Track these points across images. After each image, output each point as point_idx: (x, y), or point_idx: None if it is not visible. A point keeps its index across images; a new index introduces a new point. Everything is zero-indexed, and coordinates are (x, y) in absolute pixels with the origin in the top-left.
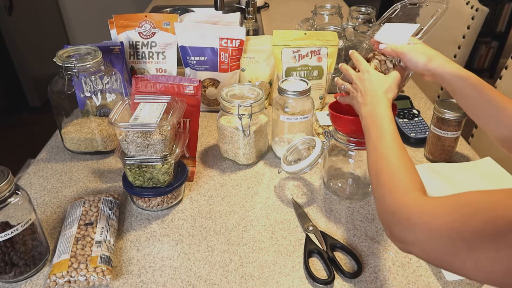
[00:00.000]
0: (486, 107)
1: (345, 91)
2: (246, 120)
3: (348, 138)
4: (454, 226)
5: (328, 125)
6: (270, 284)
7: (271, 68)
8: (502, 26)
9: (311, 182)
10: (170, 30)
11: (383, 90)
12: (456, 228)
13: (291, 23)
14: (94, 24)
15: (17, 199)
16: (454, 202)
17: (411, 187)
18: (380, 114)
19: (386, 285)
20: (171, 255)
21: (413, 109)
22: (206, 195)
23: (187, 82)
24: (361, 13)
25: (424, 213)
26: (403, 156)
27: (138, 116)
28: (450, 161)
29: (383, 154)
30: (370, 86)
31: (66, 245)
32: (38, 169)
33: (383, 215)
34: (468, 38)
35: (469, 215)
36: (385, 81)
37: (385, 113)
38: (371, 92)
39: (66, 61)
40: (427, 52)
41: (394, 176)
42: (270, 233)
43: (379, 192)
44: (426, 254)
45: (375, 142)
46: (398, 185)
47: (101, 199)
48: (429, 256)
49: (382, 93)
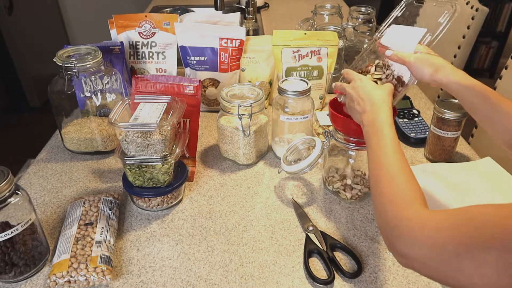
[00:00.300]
0: (492, 114)
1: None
2: (246, 120)
3: (348, 138)
4: (460, 240)
5: (328, 125)
6: (270, 284)
7: (271, 68)
8: (502, 26)
9: (311, 182)
10: (170, 30)
11: (380, 96)
12: (463, 242)
13: (291, 23)
14: (94, 24)
15: (17, 199)
16: (458, 216)
17: (412, 199)
18: (381, 120)
19: (386, 285)
20: (171, 255)
21: (413, 109)
22: (206, 195)
23: (187, 82)
24: (361, 13)
25: (427, 227)
26: (404, 167)
27: (138, 116)
28: (450, 161)
29: (382, 163)
30: (364, 92)
31: (66, 245)
32: (38, 169)
33: (383, 228)
34: (468, 38)
35: (476, 229)
36: (380, 87)
37: (386, 120)
38: (369, 98)
39: (66, 61)
40: (434, 62)
41: (394, 187)
42: (270, 233)
43: (379, 203)
44: (429, 270)
45: (375, 151)
46: (399, 197)
47: (101, 199)
48: (433, 272)
49: (381, 99)
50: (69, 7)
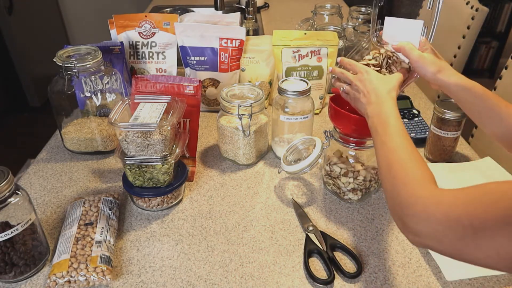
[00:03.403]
0: (491, 114)
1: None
2: (246, 120)
3: (348, 138)
4: (475, 214)
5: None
6: (270, 284)
7: (271, 68)
8: (502, 26)
9: (311, 182)
10: (170, 30)
11: (386, 89)
12: (478, 216)
13: (291, 23)
14: (94, 24)
15: (17, 199)
16: (474, 192)
17: (425, 180)
18: (386, 112)
19: (386, 285)
20: (171, 255)
21: (413, 109)
22: (206, 195)
23: (187, 82)
24: (361, 13)
25: (442, 204)
26: (412, 150)
27: (138, 116)
28: (450, 161)
29: (392, 148)
30: (371, 85)
31: (66, 245)
32: (38, 169)
33: (396, 208)
34: (468, 38)
35: (491, 203)
36: (386, 81)
37: (391, 111)
38: (374, 91)
39: (66, 61)
40: (437, 63)
41: (406, 169)
42: (270, 233)
43: (391, 184)
44: (444, 246)
45: (383, 137)
46: (412, 178)
47: (101, 199)
48: (447, 248)
49: (386, 92)
50: (69, 7)
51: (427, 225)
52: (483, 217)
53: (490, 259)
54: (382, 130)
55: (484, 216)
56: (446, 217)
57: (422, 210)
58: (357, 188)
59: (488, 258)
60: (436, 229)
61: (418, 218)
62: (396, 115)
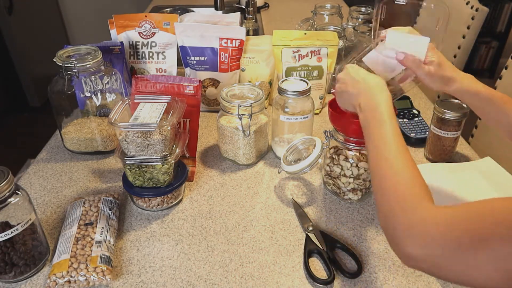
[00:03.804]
0: (499, 116)
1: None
2: (246, 120)
3: (347, 138)
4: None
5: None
6: (270, 284)
7: (271, 68)
8: (502, 26)
9: (311, 182)
10: (170, 30)
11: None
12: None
13: (291, 23)
14: (94, 24)
15: (17, 199)
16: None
17: (421, 197)
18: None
19: (386, 285)
20: (171, 255)
21: (413, 109)
22: (206, 195)
23: (187, 82)
24: (361, 13)
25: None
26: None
27: (138, 116)
28: (450, 161)
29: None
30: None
31: (66, 245)
32: (38, 169)
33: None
34: (468, 38)
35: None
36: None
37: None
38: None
39: (66, 61)
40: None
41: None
42: (270, 233)
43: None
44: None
45: (375, 142)
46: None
47: (101, 199)
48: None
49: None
50: (69, 7)
51: (425, 249)
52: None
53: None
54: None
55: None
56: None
57: (422, 235)
58: (357, 188)
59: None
60: (435, 253)
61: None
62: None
